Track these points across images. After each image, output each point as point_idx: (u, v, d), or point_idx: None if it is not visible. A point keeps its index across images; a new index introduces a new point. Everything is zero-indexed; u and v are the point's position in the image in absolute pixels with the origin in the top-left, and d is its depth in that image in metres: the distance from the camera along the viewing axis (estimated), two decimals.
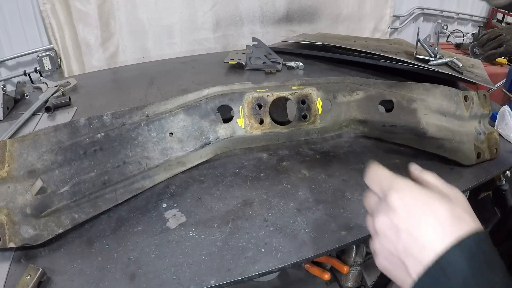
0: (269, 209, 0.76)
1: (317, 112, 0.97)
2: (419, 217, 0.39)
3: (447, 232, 0.37)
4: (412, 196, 0.40)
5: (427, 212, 0.39)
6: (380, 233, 0.42)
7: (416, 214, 0.39)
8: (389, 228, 0.40)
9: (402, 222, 0.39)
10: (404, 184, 0.42)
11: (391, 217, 0.40)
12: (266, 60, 1.44)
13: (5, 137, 1.00)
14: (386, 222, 0.41)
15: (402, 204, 0.40)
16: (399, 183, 0.42)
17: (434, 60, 1.30)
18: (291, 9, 1.97)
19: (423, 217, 0.38)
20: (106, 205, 0.76)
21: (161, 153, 0.85)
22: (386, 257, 0.42)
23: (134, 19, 1.73)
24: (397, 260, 0.40)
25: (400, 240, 0.39)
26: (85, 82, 1.43)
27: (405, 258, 0.39)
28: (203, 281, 0.61)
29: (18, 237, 0.66)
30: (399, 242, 0.39)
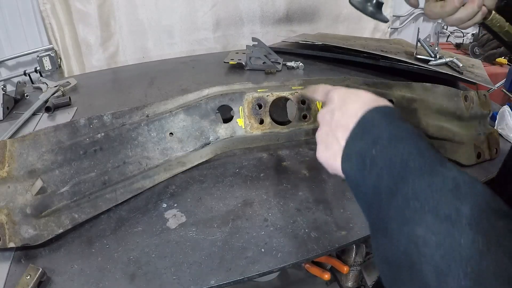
0: (269, 209, 0.76)
1: (317, 112, 0.97)
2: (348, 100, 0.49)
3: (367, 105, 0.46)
4: (345, 90, 0.52)
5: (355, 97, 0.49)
6: (320, 122, 0.53)
7: (347, 99, 0.50)
8: (326, 113, 0.51)
9: (336, 106, 0.50)
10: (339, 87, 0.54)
11: (329, 106, 0.52)
12: (266, 60, 1.44)
13: (5, 137, 1.00)
14: (325, 111, 0.52)
15: (337, 96, 0.51)
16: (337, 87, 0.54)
17: (434, 60, 1.30)
18: (291, 9, 1.97)
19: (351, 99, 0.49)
20: (106, 205, 0.76)
21: (161, 153, 0.85)
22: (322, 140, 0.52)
23: (134, 19, 1.73)
24: (331, 137, 0.49)
25: (334, 118, 0.49)
26: (85, 82, 1.43)
27: (337, 131, 0.48)
28: (203, 281, 0.61)
29: (18, 237, 0.66)
30: (333, 120, 0.49)
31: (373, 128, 0.43)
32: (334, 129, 0.48)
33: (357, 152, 0.44)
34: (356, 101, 0.48)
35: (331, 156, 0.49)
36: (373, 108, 0.45)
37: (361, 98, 0.48)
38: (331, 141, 0.49)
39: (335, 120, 0.49)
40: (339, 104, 0.50)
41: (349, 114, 0.47)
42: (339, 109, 0.49)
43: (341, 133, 0.47)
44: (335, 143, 0.48)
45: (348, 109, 0.47)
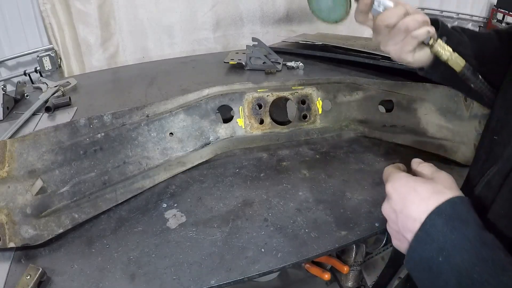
0: (269, 209, 0.76)
1: (317, 112, 0.97)
2: (406, 198, 0.48)
3: (428, 204, 0.45)
4: (400, 183, 0.50)
5: (412, 193, 0.48)
6: (386, 217, 0.52)
7: (404, 196, 0.49)
8: (390, 212, 0.50)
9: (396, 204, 0.49)
10: (397, 175, 0.52)
11: (389, 202, 0.51)
12: (266, 60, 1.44)
13: (5, 137, 1.00)
14: (387, 208, 0.51)
15: (393, 191, 0.50)
16: (393, 175, 0.53)
17: None
18: (291, 9, 1.97)
19: (409, 197, 0.48)
20: (106, 205, 0.76)
21: (161, 153, 0.85)
22: (394, 236, 0.51)
23: (134, 19, 1.73)
24: (401, 237, 0.49)
25: (399, 220, 0.49)
26: (85, 82, 1.42)
27: (405, 233, 0.48)
28: (203, 281, 0.61)
29: (18, 237, 0.66)
30: (398, 221, 0.49)
31: (437, 236, 0.44)
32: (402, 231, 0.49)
33: (423, 258, 0.45)
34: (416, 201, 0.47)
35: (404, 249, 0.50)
36: (434, 211, 0.45)
37: (420, 196, 0.47)
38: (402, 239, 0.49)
39: (400, 223, 0.49)
40: (400, 206, 0.49)
41: (413, 217, 0.46)
42: (401, 212, 0.48)
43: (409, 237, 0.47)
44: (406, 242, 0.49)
45: (410, 212, 0.47)
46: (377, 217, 0.74)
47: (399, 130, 0.95)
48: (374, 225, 0.72)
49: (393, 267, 1.12)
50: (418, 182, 0.49)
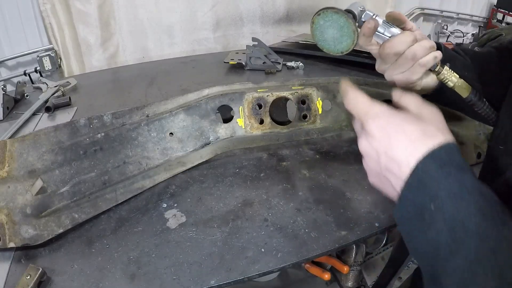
0: (269, 209, 0.76)
1: (317, 112, 0.97)
2: (392, 138, 0.43)
3: (418, 148, 0.41)
4: (386, 120, 0.44)
5: (400, 133, 0.43)
6: (364, 155, 0.48)
7: (390, 136, 0.43)
8: (370, 151, 0.46)
9: (379, 145, 0.44)
10: (379, 110, 0.46)
11: (370, 141, 0.46)
12: (266, 60, 1.44)
13: (5, 137, 1.00)
14: (367, 146, 0.46)
15: (377, 129, 0.44)
16: (374, 109, 0.46)
17: None
18: (291, 9, 1.97)
19: (396, 138, 0.43)
20: (106, 205, 0.76)
21: (161, 153, 0.85)
22: (373, 175, 0.48)
23: (134, 19, 1.73)
24: (383, 178, 0.45)
25: (381, 161, 0.44)
26: (85, 82, 1.43)
27: (388, 176, 0.44)
28: (203, 281, 0.61)
29: (18, 237, 0.66)
30: (380, 162, 0.44)
31: (430, 182, 0.39)
32: (385, 172, 0.45)
33: (414, 204, 0.41)
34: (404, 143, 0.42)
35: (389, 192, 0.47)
36: (427, 156, 0.40)
37: (408, 137, 0.42)
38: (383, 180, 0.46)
39: (383, 163, 0.44)
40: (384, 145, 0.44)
41: (399, 161, 0.42)
42: (385, 153, 0.44)
43: (394, 180, 0.43)
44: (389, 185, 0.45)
45: (397, 155, 0.42)
46: (377, 217, 0.74)
47: None
48: (374, 225, 0.72)
49: (393, 267, 1.12)
50: (407, 121, 0.43)
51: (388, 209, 0.76)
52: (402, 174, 0.42)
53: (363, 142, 0.47)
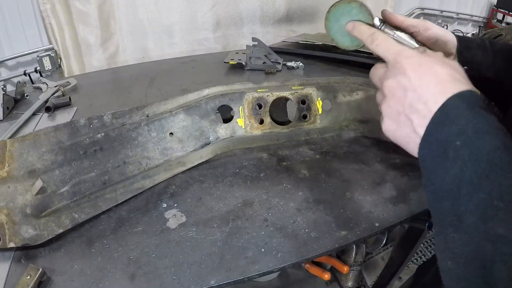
0: (269, 209, 0.76)
1: (317, 112, 0.97)
2: (423, 77, 0.44)
3: (447, 88, 0.42)
4: (419, 59, 0.45)
5: (430, 73, 0.44)
6: (388, 95, 0.48)
7: (421, 75, 0.44)
8: (397, 89, 0.46)
9: (409, 82, 0.45)
10: (411, 51, 0.47)
11: (399, 79, 0.46)
12: (266, 60, 1.44)
13: (5, 137, 1.00)
14: (394, 84, 0.46)
15: (410, 67, 0.45)
16: (407, 50, 0.48)
17: None
18: (291, 9, 1.97)
19: (427, 77, 0.44)
20: (106, 205, 0.76)
21: (161, 153, 0.85)
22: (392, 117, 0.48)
23: (134, 19, 1.73)
24: (403, 118, 0.45)
25: (407, 98, 0.45)
26: (85, 82, 1.43)
27: (411, 114, 0.44)
28: (203, 281, 0.61)
29: (18, 237, 0.66)
30: (406, 100, 0.45)
31: (458, 118, 0.40)
32: (408, 111, 0.45)
33: (439, 141, 0.41)
34: (434, 82, 0.43)
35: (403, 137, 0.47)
36: (456, 94, 0.41)
37: (438, 78, 0.43)
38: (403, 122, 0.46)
39: (409, 101, 0.44)
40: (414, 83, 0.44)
41: (427, 99, 0.43)
42: (414, 90, 0.44)
43: (417, 119, 0.44)
44: (408, 126, 0.45)
45: (425, 93, 0.43)
46: (377, 217, 0.74)
47: None
48: (374, 225, 0.72)
49: (393, 267, 1.12)
50: (438, 64, 0.45)
51: (388, 209, 0.76)
52: (428, 112, 0.42)
53: (389, 81, 0.47)
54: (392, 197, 0.79)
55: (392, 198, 0.79)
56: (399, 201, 0.78)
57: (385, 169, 0.89)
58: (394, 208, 0.76)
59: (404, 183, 0.84)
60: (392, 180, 0.85)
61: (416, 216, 0.75)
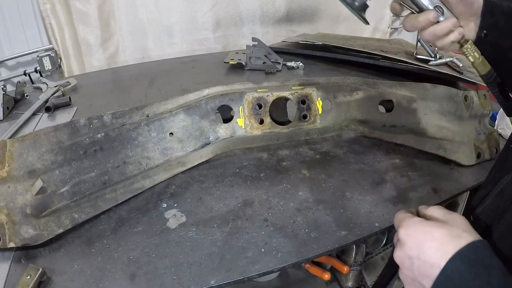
0: (269, 209, 0.76)
1: (317, 112, 0.97)
2: (422, 243, 0.46)
3: (447, 249, 0.44)
4: (414, 229, 0.48)
5: (429, 238, 0.46)
6: (400, 264, 0.50)
7: (420, 242, 0.47)
8: (404, 258, 0.49)
9: (411, 251, 0.47)
10: (409, 220, 0.50)
11: (403, 249, 0.49)
12: (266, 60, 1.44)
13: (5, 137, 1.00)
14: (401, 254, 0.49)
15: (408, 237, 0.48)
16: (406, 220, 0.50)
17: (434, 60, 1.30)
18: (291, 9, 1.97)
19: (426, 243, 0.46)
20: (106, 205, 0.76)
21: (161, 153, 0.85)
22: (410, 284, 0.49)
23: (134, 19, 1.73)
24: (417, 284, 0.47)
25: (415, 266, 0.47)
26: (85, 82, 1.43)
27: (422, 280, 0.46)
28: (203, 281, 0.61)
29: (18, 237, 0.66)
30: (414, 268, 0.47)
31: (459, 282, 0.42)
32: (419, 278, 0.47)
33: None
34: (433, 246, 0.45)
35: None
36: (455, 256, 0.43)
37: (436, 241, 0.46)
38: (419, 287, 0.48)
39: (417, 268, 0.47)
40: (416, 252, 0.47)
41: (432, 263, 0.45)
42: (418, 258, 0.47)
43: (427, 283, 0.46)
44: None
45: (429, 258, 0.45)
46: (377, 217, 0.74)
47: (399, 130, 0.95)
48: (374, 225, 0.72)
49: (393, 267, 1.12)
50: (434, 227, 0.47)
51: (388, 209, 0.76)
52: (433, 275, 0.44)
53: (397, 252, 0.50)
54: (392, 197, 0.79)
55: (392, 198, 0.79)
56: (399, 201, 0.78)
57: (385, 169, 0.89)
58: (394, 208, 0.76)
59: (404, 183, 0.84)
60: (392, 180, 0.85)
61: None
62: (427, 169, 0.90)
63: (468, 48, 0.63)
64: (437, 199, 0.80)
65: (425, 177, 0.86)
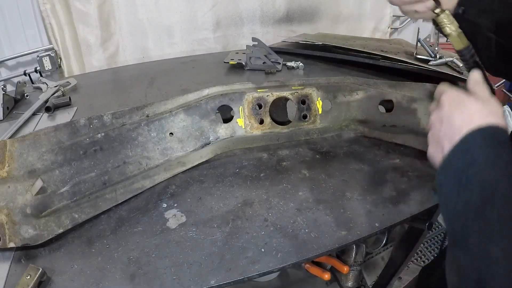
0: (269, 209, 0.76)
1: (317, 112, 0.97)
2: (456, 109, 0.52)
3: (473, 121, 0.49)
4: (455, 95, 0.54)
5: (462, 107, 0.52)
6: (432, 125, 0.57)
7: (454, 108, 0.53)
8: (437, 119, 0.55)
9: (445, 113, 0.54)
10: (452, 89, 0.56)
11: (439, 111, 0.55)
12: (266, 60, 1.44)
13: (5, 137, 1.00)
14: (435, 116, 0.56)
15: (446, 102, 0.54)
16: (449, 89, 0.56)
17: (434, 60, 1.30)
18: (291, 9, 1.97)
19: (458, 110, 0.52)
20: (106, 205, 0.76)
21: (161, 153, 0.85)
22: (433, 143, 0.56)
23: (134, 19, 1.73)
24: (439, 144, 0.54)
25: (442, 127, 0.53)
26: (85, 82, 1.43)
27: (444, 140, 0.52)
28: (203, 281, 0.61)
29: (18, 237, 0.66)
30: (441, 128, 0.53)
31: (473, 150, 0.47)
32: (442, 138, 0.53)
33: (455, 169, 0.49)
34: (463, 114, 0.51)
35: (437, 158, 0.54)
36: (477, 129, 0.48)
37: (468, 110, 0.51)
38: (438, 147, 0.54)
39: (443, 130, 0.53)
40: (448, 114, 0.53)
41: (455, 128, 0.50)
42: (447, 120, 0.53)
43: (446, 145, 0.51)
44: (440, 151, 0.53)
45: (455, 123, 0.51)
46: (377, 217, 0.74)
47: (399, 130, 0.95)
48: (374, 225, 0.72)
49: (393, 267, 1.12)
50: (471, 99, 0.52)
51: (388, 209, 0.76)
52: (453, 140, 0.50)
53: (434, 113, 0.57)
54: (392, 197, 0.79)
55: (392, 198, 0.79)
56: (399, 201, 0.78)
57: (385, 169, 0.89)
58: (394, 208, 0.76)
59: (404, 183, 0.84)
60: (392, 180, 0.85)
61: (416, 216, 0.75)
62: (427, 169, 0.90)
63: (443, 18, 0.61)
64: (438, 199, 0.80)
65: (425, 177, 0.86)
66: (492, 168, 0.45)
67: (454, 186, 0.48)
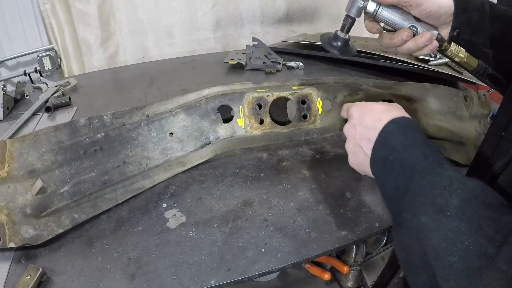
0: (269, 209, 0.76)
1: (317, 112, 0.97)
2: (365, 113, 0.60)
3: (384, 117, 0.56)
4: (361, 105, 0.63)
5: (370, 110, 0.60)
6: (347, 136, 0.64)
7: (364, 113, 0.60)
8: (350, 129, 0.62)
9: (356, 120, 0.61)
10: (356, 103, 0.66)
11: (350, 122, 0.63)
12: (266, 60, 1.44)
13: (5, 137, 1.00)
14: (348, 126, 0.64)
15: (355, 112, 0.63)
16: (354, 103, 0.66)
17: (434, 60, 1.30)
18: (291, 9, 1.97)
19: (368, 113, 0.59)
20: (106, 205, 0.76)
21: (161, 153, 0.85)
22: (351, 151, 0.63)
23: (134, 19, 1.73)
24: (357, 148, 0.60)
25: (357, 132, 0.60)
26: (85, 82, 1.43)
27: (361, 142, 0.59)
28: (203, 281, 0.61)
29: (18, 237, 0.66)
30: (356, 133, 0.60)
31: (391, 139, 0.54)
32: (359, 141, 0.59)
33: (380, 158, 0.55)
34: (373, 115, 0.58)
35: (360, 163, 0.61)
36: (390, 121, 0.55)
37: (376, 111, 0.58)
38: (358, 150, 0.60)
39: (358, 133, 0.60)
40: (359, 120, 0.60)
41: (369, 127, 0.57)
42: (360, 124, 0.60)
43: (365, 144, 0.58)
44: (361, 152, 0.59)
45: (367, 123, 0.58)
46: (377, 217, 0.74)
47: None
48: (374, 225, 0.72)
49: (393, 267, 1.12)
50: (375, 103, 0.61)
51: None
52: (371, 138, 0.56)
53: (346, 126, 0.64)
54: None
55: None
56: None
57: None
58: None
59: None
60: None
61: None
62: None
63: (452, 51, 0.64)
64: None
65: None
66: (410, 150, 0.50)
67: (383, 173, 0.54)
